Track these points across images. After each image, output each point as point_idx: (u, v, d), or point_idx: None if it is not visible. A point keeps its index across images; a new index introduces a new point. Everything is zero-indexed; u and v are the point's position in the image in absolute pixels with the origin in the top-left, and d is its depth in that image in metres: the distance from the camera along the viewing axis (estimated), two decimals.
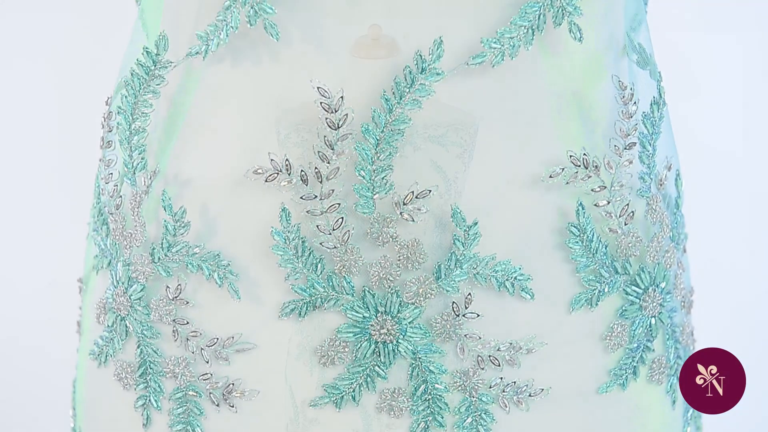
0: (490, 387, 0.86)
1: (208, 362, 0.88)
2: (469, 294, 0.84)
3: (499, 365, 0.86)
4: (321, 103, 0.80)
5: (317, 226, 0.83)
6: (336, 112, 0.81)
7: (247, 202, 0.85)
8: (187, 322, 0.88)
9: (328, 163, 0.82)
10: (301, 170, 0.82)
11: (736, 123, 1.79)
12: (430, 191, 0.82)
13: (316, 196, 0.83)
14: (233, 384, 0.87)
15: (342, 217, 0.83)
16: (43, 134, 1.77)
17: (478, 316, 0.85)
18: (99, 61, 1.49)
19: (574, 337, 0.89)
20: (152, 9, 0.90)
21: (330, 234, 0.83)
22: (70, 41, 1.72)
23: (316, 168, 0.82)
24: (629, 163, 0.87)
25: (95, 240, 0.99)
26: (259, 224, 0.85)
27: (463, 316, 0.85)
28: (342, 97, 0.80)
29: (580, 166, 0.86)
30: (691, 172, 1.65)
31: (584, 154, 0.86)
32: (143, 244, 0.89)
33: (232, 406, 0.88)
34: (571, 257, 0.87)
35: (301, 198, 0.83)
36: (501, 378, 0.86)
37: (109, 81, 0.97)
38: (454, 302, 0.85)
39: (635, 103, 0.88)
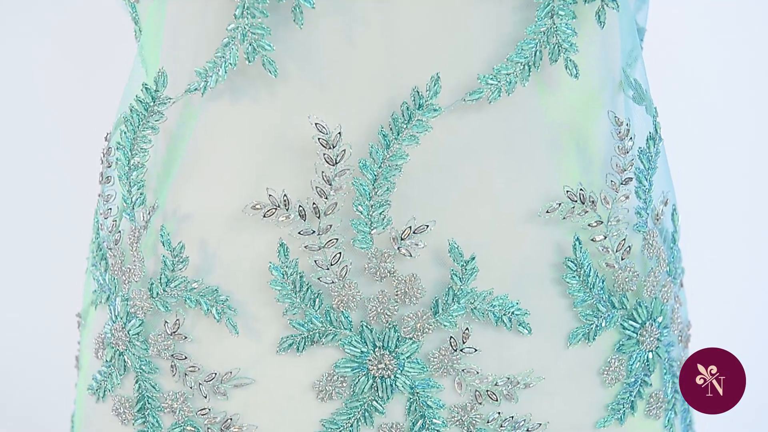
0: (488, 422, 0.86)
1: (206, 397, 0.88)
2: (467, 329, 0.85)
3: (497, 400, 0.86)
4: (319, 138, 0.81)
5: (315, 261, 0.83)
6: (334, 147, 0.81)
7: (245, 238, 0.86)
8: (186, 357, 0.88)
9: (326, 198, 0.82)
10: (299, 205, 0.83)
11: (735, 121, 1.80)
12: (428, 226, 0.82)
13: (314, 231, 0.83)
14: (231, 419, 0.87)
15: (340, 252, 0.83)
16: (43, 169, 1.77)
17: (476, 350, 0.85)
18: (98, 96, 1.49)
19: (572, 372, 0.89)
20: (151, 46, 0.91)
21: (328, 269, 0.83)
22: (69, 77, 1.73)
23: (314, 203, 0.82)
24: (626, 198, 0.88)
25: (94, 275, 0.99)
26: (257, 259, 0.85)
27: (461, 350, 0.85)
28: (340, 133, 0.81)
29: (576, 201, 0.86)
30: (693, 170, 1.67)
31: (581, 189, 0.86)
32: (142, 279, 0.89)
33: None
34: (568, 292, 0.87)
35: (299, 233, 0.83)
36: (499, 413, 0.86)
37: (108, 117, 0.98)
38: (451, 337, 0.85)
39: (631, 138, 0.88)
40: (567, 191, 0.86)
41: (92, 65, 1.70)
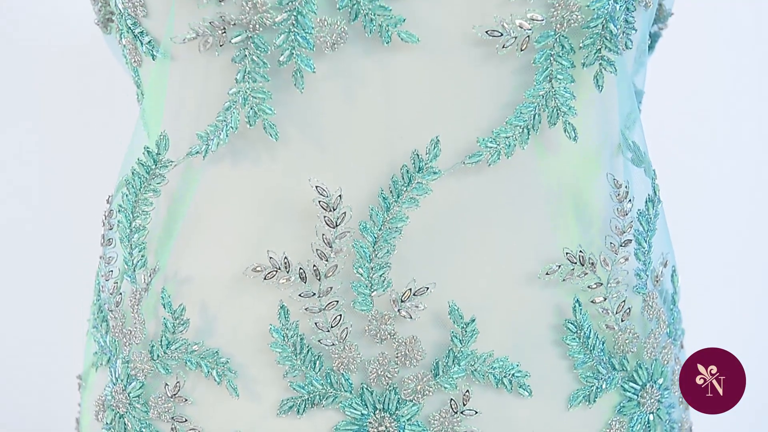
0: None
1: None
2: (467, 391, 0.84)
3: None
4: (319, 201, 0.81)
5: (315, 324, 0.83)
6: (334, 210, 0.81)
7: (246, 300, 0.86)
8: (186, 420, 0.88)
9: (327, 260, 0.82)
10: (300, 268, 0.83)
11: (733, 180, 1.80)
12: (428, 288, 0.83)
13: (314, 294, 0.83)
14: None
15: (340, 315, 0.83)
16: (45, 232, 1.77)
17: (477, 412, 0.85)
18: (100, 159, 1.50)
19: None
20: (153, 109, 0.91)
21: (328, 331, 0.83)
22: (71, 140, 1.74)
23: (314, 266, 0.83)
24: (625, 260, 0.88)
25: (95, 337, 0.99)
26: (257, 321, 0.85)
27: (462, 413, 0.85)
28: (340, 195, 0.81)
29: (576, 263, 0.86)
30: (693, 171, 1.66)
31: (580, 251, 0.86)
32: (142, 342, 0.89)
33: None
34: (568, 354, 0.87)
35: (300, 295, 0.83)
36: None
37: (109, 179, 0.99)
38: (452, 399, 0.85)
39: (630, 200, 0.88)
40: (566, 253, 0.86)
41: (94, 128, 1.71)
